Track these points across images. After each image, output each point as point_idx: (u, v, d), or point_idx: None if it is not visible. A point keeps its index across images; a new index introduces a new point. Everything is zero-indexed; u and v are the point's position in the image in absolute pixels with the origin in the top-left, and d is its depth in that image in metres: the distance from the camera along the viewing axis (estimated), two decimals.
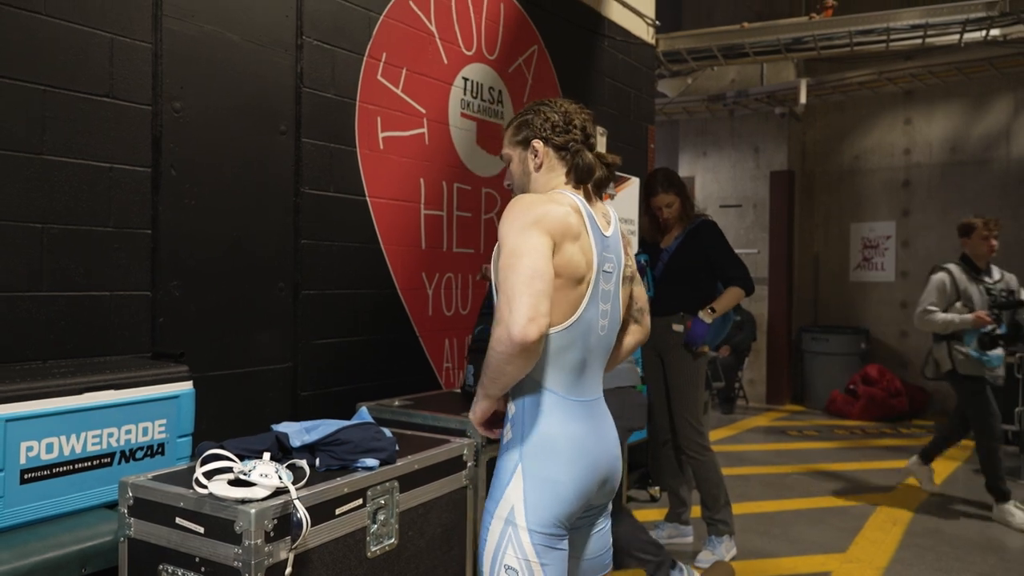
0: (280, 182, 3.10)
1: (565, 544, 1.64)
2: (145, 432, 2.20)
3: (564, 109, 1.84)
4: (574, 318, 1.64)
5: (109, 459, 2.11)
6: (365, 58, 3.46)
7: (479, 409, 1.75)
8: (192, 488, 1.75)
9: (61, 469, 2.00)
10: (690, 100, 8.43)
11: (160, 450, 2.24)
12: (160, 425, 2.24)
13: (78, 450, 2.04)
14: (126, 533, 1.82)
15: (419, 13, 3.76)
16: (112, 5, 2.51)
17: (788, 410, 8.31)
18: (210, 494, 1.68)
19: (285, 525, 1.69)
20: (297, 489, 1.73)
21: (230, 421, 2.86)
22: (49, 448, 1.98)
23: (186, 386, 2.32)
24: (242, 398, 2.94)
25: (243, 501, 1.65)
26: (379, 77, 3.54)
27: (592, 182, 1.80)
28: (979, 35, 5.94)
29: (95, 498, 2.08)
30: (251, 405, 2.99)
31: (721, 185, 9.09)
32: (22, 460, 1.92)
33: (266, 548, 1.64)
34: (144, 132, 2.61)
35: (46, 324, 2.36)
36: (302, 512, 1.69)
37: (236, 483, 1.70)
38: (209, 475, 1.74)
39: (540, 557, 1.58)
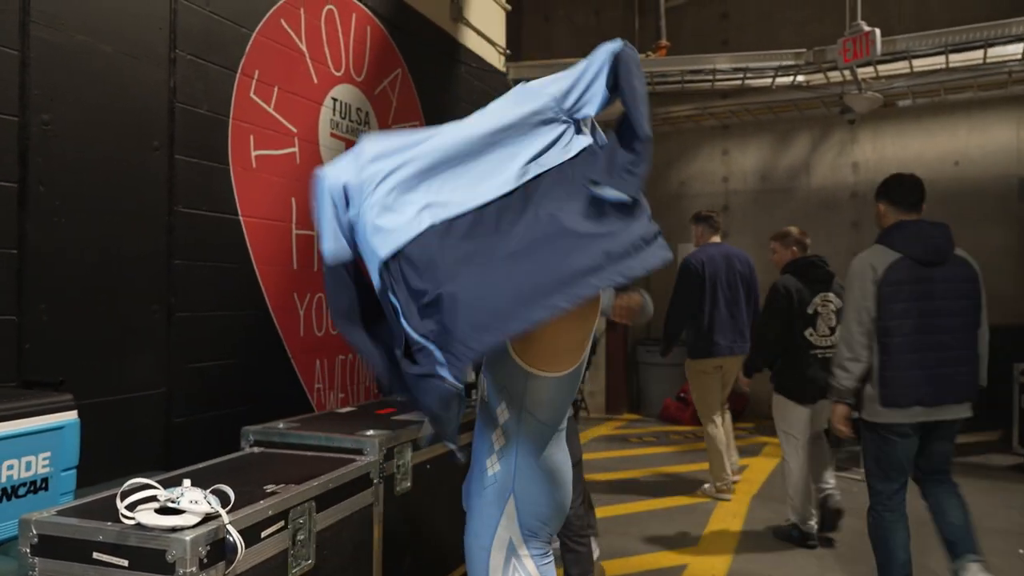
0: (153, 200, 2.98)
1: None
2: (28, 467, 2.05)
3: None
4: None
5: None
6: (238, 75, 3.40)
7: None
8: (108, 520, 1.68)
9: None
10: None
11: (44, 485, 2.10)
12: (44, 459, 2.10)
13: None
14: (28, 574, 1.70)
15: (290, 32, 3.74)
16: None
17: (626, 419, 8.83)
18: (137, 524, 1.62)
19: (218, 551, 1.67)
20: (227, 513, 1.71)
21: (101, 451, 2.69)
22: None
23: (71, 416, 2.18)
24: (114, 426, 2.78)
25: (174, 529, 1.61)
26: (252, 95, 3.48)
27: None
28: (788, 79, 6.74)
29: None
30: (123, 433, 2.83)
31: None
32: None
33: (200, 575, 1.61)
34: (10, 145, 2.44)
35: None
36: (235, 536, 1.67)
37: (164, 511, 1.65)
38: (130, 507, 1.68)
39: None
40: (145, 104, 2.93)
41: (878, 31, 5.59)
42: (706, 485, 5.32)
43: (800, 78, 6.70)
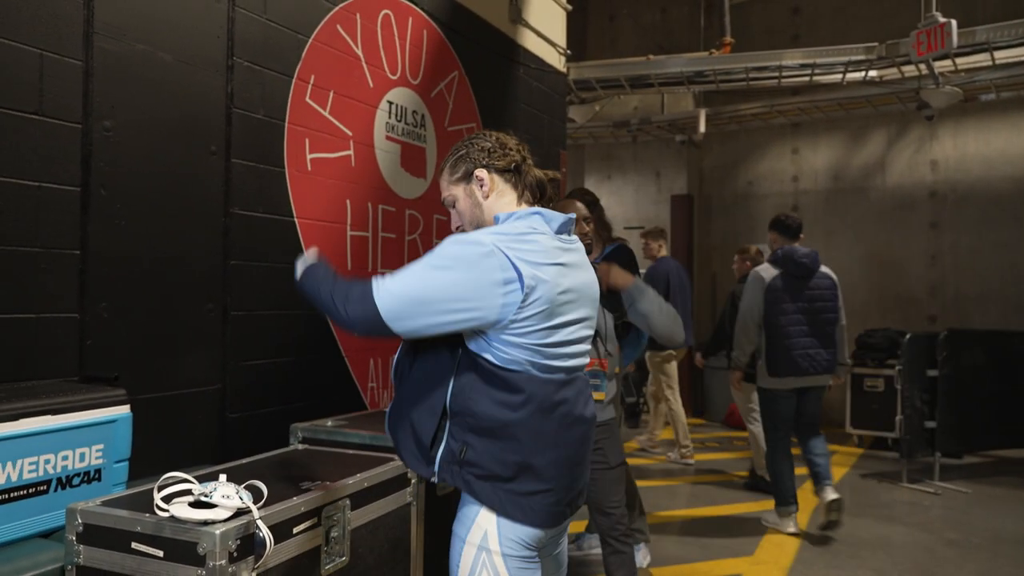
0: (210, 202, 3.08)
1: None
2: (82, 458, 2.15)
3: (494, 136, 1.87)
4: None
5: (45, 486, 2.06)
6: (294, 80, 3.48)
7: None
8: (147, 512, 1.74)
9: None
10: (596, 126, 8.76)
11: (97, 476, 2.20)
12: (97, 450, 2.19)
13: (14, 478, 1.98)
14: (75, 561, 1.79)
15: (346, 37, 3.81)
16: (42, 21, 2.46)
17: (690, 423, 8.67)
18: (171, 517, 1.68)
19: (248, 545, 1.71)
20: (258, 509, 1.75)
21: (159, 445, 2.80)
22: None
23: (123, 410, 2.28)
24: (171, 421, 2.89)
25: (206, 523, 1.66)
26: (307, 99, 3.56)
27: (545, 198, 1.89)
28: (859, 75, 6.50)
29: (30, 527, 2.02)
30: (180, 428, 2.94)
31: (625, 208, 9.45)
32: None
33: (230, 569, 1.66)
34: (74, 151, 2.56)
35: None
36: (265, 532, 1.71)
37: (197, 505, 1.71)
38: (166, 499, 1.74)
39: None
40: (203, 110, 3.03)
41: (954, 22, 5.34)
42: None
43: (872, 73, 6.45)
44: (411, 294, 1.62)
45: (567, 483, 1.71)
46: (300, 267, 1.88)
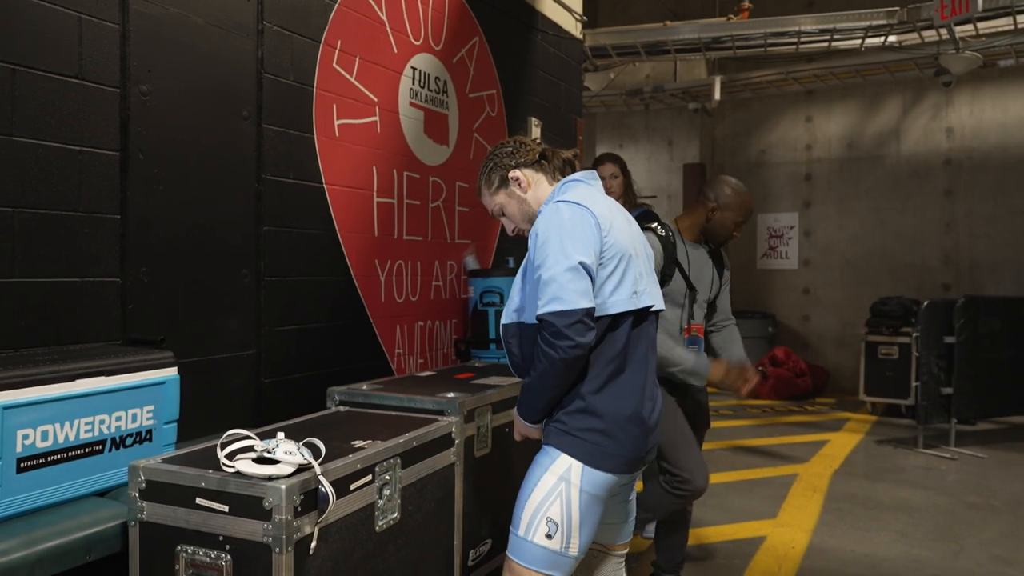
0: (243, 168, 3.08)
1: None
2: (134, 419, 2.18)
3: (512, 140, 2.13)
4: None
5: (100, 446, 2.09)
6: (321, 45, 3.46)
7: None
8: (209, 469, 1.77)
9: (56, 457, 1.97)
10: (608, 94, 8.70)
11: (148, 436, 2.22)
12: (148, 411, 2.22)
13: (71, 438, 2.01)
14: (138, 517, 1.82)
15: (371, 2, 3.78)
16: None
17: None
18: (237, 472, 1.71)
19: (311, 500, 1.74)
20: (319, 465, 1.78)
21: (196, 409, 2.83)
22: (44, 436, 1.94)
23: (172, 372, 2.30)
24: (208, 385, 2.92)
25: (271, 478, 1.69)
26: (334, 64, 3.55)
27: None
28: (879, 40, 6.43)
29: (87, 486, 2.05)
30: (216, 392, 2.97)
31: (637, 177, 9.36)
32: (18, 448, 1.88)
33: (295, 523, 1.69)
34: (112, 115, 2.55)
35: (18, 311, 2.29)
36: (327, 487, 1.74)
37: (260, 461, 1.73)
38: (230, 456, 1.77)
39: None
40: (234, 74, 3.02)
41: None
42: None
43: (892, 38, 6.38)
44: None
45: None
46: (521, 415, 2.04)
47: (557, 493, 1.81)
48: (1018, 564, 3.54)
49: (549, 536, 1.81)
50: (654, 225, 2.86)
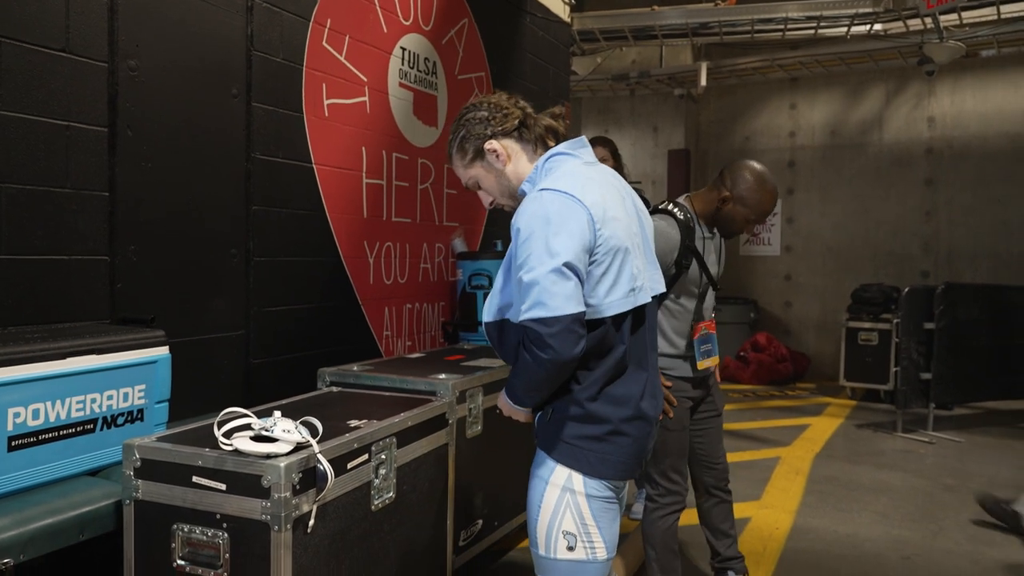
0: (232, 147, 3.04)
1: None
2: (126, 398, 2.16)
3: (486, 102, 1.83)
4: None
5: (92, 425, 2.07)
6: (311, 23, 3.42)
7: None
8: (205, 447, 1.76)
9: (47, 436, 1.95)
10: (594, 79, 8.67)
11: (140, 416, 2.21)
12: (140, 391, 2.20)
13: (63, 416, 1.99)
14: (133, 495, 1.81)
15: None
16: None
17: None
18: (235, 450, 1.70)
19: (309, 478, 1.74)
20: (318, 443, 1.77)
21: (185, 389, 2.80)
22: (35, 414, 1.92)
23: (163, 351, 2.28)
24: (197, 366, 2.89)
25: (269, 456, 1.68)
26: (324, 43, 3.51)
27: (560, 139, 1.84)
28: (864, 28, 6.47)
29: (78, 465, 2.04)
30: (205, 372, 2.95)
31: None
32: (9, 427, 1.86)
33: (293, 500, 1.69)
34: (100, 90, 2.51)
35: (4, 289, 2.26)
36: (325, 465, 1.74)
37: (258, 439, 1.73)
38: (227, 434, 1.76)
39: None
40: (224, 52, 2.98)
41: None
42: None
43: (877, 26, 6.42)
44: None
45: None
46: (507, 398, 1.79)
47: (565, 505, 1.67)
48: (994, 544, 3.61)
49: (571, 548, 1.68)
50: (673, 209, 2.59)
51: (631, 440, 1.70)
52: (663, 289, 1.86)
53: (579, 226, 1.60)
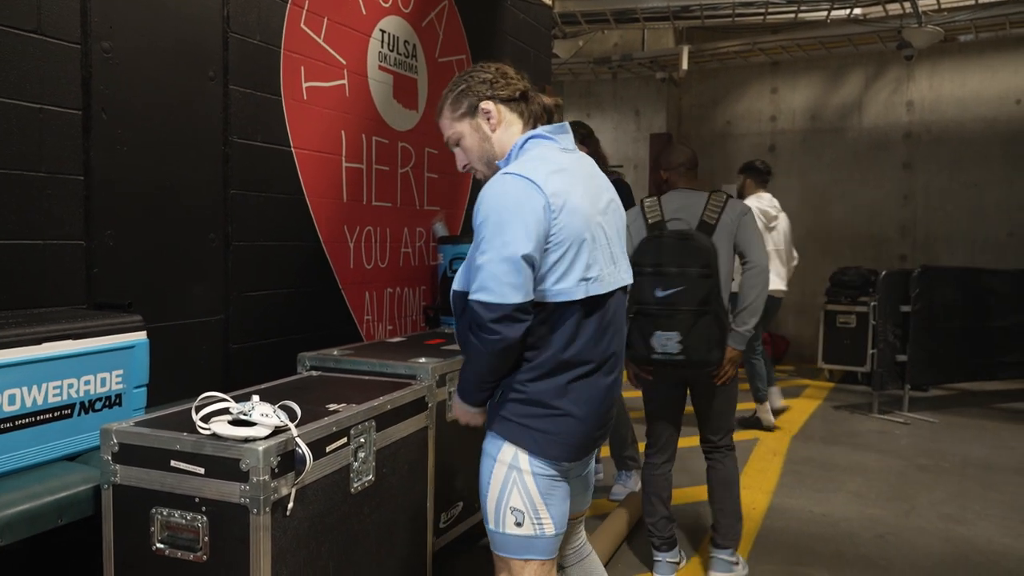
0: (209, 130, 3.02)
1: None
2: (103, 383, 2.15)
3: (494, 66, 1.84)
4: None
5: (69, 410, 2.06)
6: (289, 4, 3.38)
7: None
8: (183, 432, 1.76)
9: (24, 421, 1.94)
10: (576, 62, 8.66)
11: (118, 401, 2.20)
12: (117, 376, 2.19)
13: (40, 402, 1.98)
14: (111, 480, 1.81)
15: None
16: None
17: None
18: (214, 434, 1.70)
19: (288, 462, 1.74)
20: (296, 427, 1.78)
21: (164, 374, 2.80)
22: (12, 400, 1.91)
23: (141, 336, 2.27)
24: (176, 351, 2.88)
25: (247, 440, 1.69)
26: (302, 25, 3.47)
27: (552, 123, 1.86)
28: (844, 12, 6.50)
29: (56, 451, 2.03)
30: (184, 357, 2.93)
31: (604, 146, 9.39)
32: None
33: (272, 484, 1.69)
34: (74, 72, 2.48)
35: None
36: (304, 448, 1.75)
37: (236, 423, 1.73)
38: (205, 418, 1.76)
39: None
40: (200, 33, 2.94)
41: None
42: None
43: (857, 11, 6.45)
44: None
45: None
46: (461, 397, 1.88)
47: (512, 482, 1.71)
48: (965, 521, 3.69)
49: (519, 524, 1.72)
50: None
51: (576, 421, 1.73)
52: (629, 281, 1.87)
53: (534, 214, 1.62)
